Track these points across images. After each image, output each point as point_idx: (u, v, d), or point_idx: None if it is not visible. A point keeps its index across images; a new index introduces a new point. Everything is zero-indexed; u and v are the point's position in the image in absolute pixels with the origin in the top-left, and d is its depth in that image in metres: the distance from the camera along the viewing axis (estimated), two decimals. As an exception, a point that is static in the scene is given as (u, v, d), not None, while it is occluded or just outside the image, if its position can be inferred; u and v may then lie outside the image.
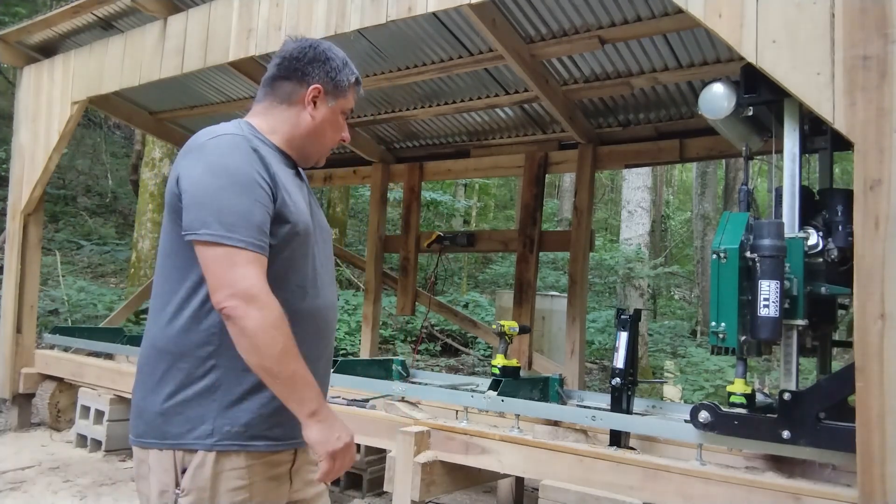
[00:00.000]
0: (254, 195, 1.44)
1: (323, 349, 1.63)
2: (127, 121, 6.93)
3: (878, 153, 2.19)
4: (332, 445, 1.44)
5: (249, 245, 1.41)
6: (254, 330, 1.37)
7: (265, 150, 1.54)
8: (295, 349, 1.41)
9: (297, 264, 1.53)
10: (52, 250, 9.60)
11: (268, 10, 3.79)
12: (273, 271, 1.47)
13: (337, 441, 1.44)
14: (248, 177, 1.44)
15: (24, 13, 10.33)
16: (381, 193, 6.50)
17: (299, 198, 1.58)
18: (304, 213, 1.56)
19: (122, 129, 14.79)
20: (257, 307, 1.38)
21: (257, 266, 1.41)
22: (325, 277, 1.63)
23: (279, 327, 1.39)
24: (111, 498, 3.95)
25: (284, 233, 1.49)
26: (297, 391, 1.42)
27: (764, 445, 2.57)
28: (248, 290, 1.38)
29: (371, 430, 3.49)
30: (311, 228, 1.57)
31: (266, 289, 1.41)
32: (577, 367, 5.08)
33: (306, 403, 1.42)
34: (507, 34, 4.18)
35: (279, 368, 1.39)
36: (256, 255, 1.42)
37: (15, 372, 5.46)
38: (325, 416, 1.45)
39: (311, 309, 1.56)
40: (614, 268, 10.65)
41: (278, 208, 1.48)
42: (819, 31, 2.32)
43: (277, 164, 1.55)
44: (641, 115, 5.07)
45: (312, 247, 1.58)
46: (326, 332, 1.63)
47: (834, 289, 2.57)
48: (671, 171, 20.74)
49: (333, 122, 1.67)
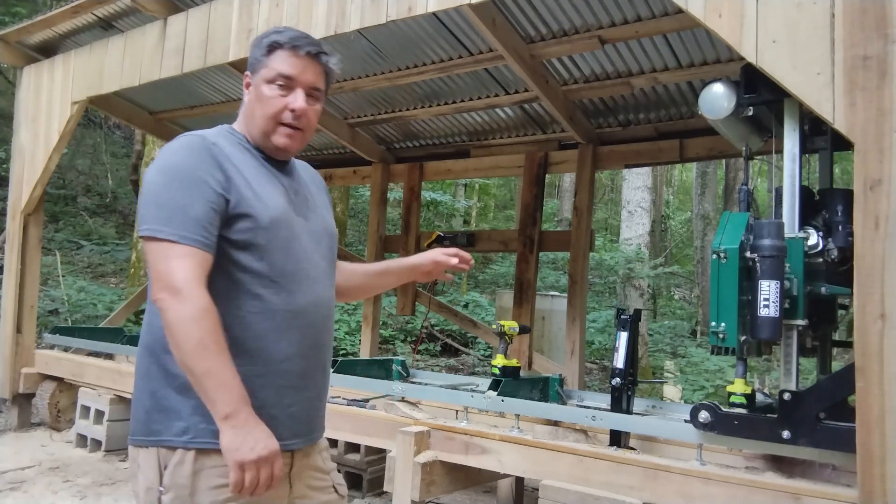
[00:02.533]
0: (195, 190, 1.43)
1: (306, 347, 1.55)
2: (127, 121, 6.93)
3: (878, 153, 2.19)
4: (241, 455, 1.35)
5: (183, 238, 1.40)
6: (173, 322, 1.37)
7: (231, 147, 1.54)
8: (216, 347, 1.36)
9: (267, 259, 1.50)
10: (52, 250, 9.60)
11: (268, 10, 3.79)
12: (242, 267, 1.47)
13: (249, 451, 1.35)
14: (190, 173, 1.44)
15: (24, 13, 10.33)
16: (381, 193, 6.50)
17: (270, 191, 1.54)
18: (272, 207, 1.51)
19: (122, 129, 14.77)
20: (179, 300, 1.37)
21: (189, 259, 1.40)
22: (311, 273, 1.58)
23: (198, 322, 1.36)
24: (111, 498, 3.95)
25: (245, 227, 1.47)
26: (211, 390, 1.36)
27: (764, 445, 2.57)
28: (174, 283, 1.38)
29: (371, 430, 3.49)
30: (282, 223, 1.52)
31: (193, 282, 1.38)
32: (577, 367, 5.08)
33: (219, 405, 1.36)
34: (507, 34, 4.18)
35: (192, 364, 1.36)
36: (191, 248, 1.40)
37: (15, 372, 5.45)
38: (242, 423, 1.36)
39: (286, 305, 1.51)
40: (614, 268, 10.65)
41: (234, 203, 1.47)
42: (819, 31, 2.32)
43: (243, 159, 1.54)
44: (641, 115, 5.07)
45: (289, 241, 1.53)
46: (310, 329, 1.56)
47: (834, 289, 2.57)
48: (671, 171, 20.73)
49: (259, 97, 1.57)
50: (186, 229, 1.40)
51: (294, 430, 1.55)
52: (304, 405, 1.57)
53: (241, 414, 1.37)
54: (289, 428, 1.53)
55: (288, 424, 1.53)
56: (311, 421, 1.61)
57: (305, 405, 1.58)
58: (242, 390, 1.39)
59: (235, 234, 1.47)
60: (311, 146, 6.89)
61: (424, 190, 8.87)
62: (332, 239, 1.72)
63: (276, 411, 1.51)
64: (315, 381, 1.60)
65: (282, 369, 1.52)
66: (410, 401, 3.76)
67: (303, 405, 1.57)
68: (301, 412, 1.56)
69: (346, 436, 3.66)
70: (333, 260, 1.72)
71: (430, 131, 6.12)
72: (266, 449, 1.38)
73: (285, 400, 1.52)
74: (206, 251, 1.42)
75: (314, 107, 1.61)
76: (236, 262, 1.48)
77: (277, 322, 1.50)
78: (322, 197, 1.77)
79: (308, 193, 1.69)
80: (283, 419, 1.51)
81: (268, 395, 1.50)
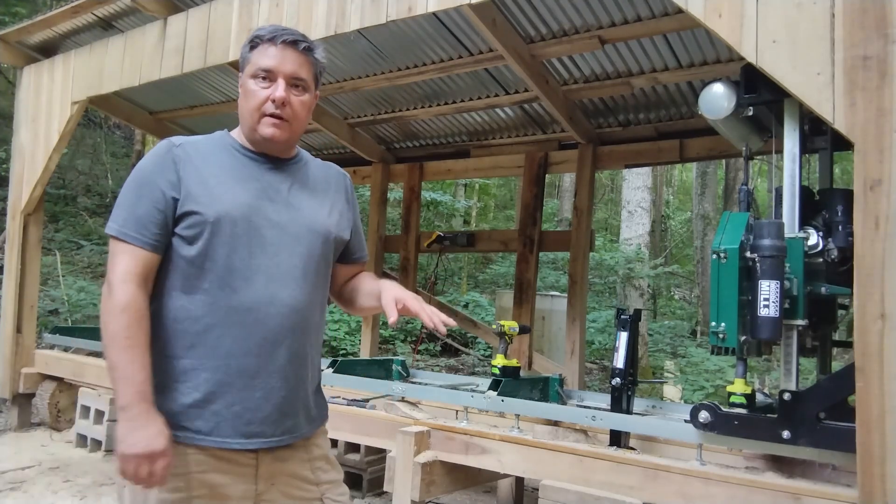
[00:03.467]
0: (144, 190, 1.52)
1: (254, 345, 1.52)
2: (127, 121, 6.94)
3: (878, 153, 2.19)
4: (124, 447, 1.41)
5: (124, 236, 1.50)
6: (101, 314, 1.48)
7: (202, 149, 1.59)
8: (127, 342, 1.44)
9: (210, 254, 1.51)
10: (52, 250, 9.60)
11: (268, 11, 3.79)
12: (189, 262, 1.53)
13: (131, 446, 1.40)
14: (145, 175, 1.55)
15: (24, 13, 10.32)
16: (381, 193, 6.50)
17: (231, 188, 1.54)
18: (226, 202, 1.52)
19: (122, 129, 14.77)
20: (108, 293, 1.48)
21: (127, 255, 1.50)
22: (269, 271, 1.54)
23: (116, 316, 1.45)
24: (111, 498, 3.95)
25: (191, 222, 1.52)
26: (114, 381, 1.45)
27: (764, 445, 2.57)
28: (110, 277, 1.49)
29: (371, 430, 3.49)
30: (234, 219, 1.52)
31: (123, 277, 1.48)
32: (577, 367, 5.08)
33: (118, 396, 1.44)
34: (507, 34, 4.18)
35: (106, 354, 1.47)
36: (130, 245, 1.50)
37: (15, 372, 5.46)
38: (133, 417, 1.42)
39: (230, 301, 1.51)
40: (614, 268, 10.66)
41: (181, 200, 1.52)
42: (819, 31, 2.32)
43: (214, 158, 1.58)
44: (641, 115, 5.07)
45: (241, 238, 1.52)
46: (259, 327, 1.52)
47: (834, 289, 2.57)
48: (671, 171, 20.73)
49: (245, 92, 1.60)
50: (128, 227, 1.51)
51: (240, 431, 1.52)
52: (252, 405, 1.53)
53: (135, 409, 1.42)
54: (232, 427, 1.52)
55: (232, 423, 1.51)
56: (267, 423, 1.55)
57: (254, 405, 1.53)
58: (144, 387, 1.44)
59: (184, 230, 1.53)
60: (312, 146, 6.89)
61: (424, 190, 8.87)
62: (321, 238, 1.64)
63: (218, 407, 1.51)
64: (269, 382, 1.54)
65: (224, 365, 1.51)
66: (410, 401, 3.76)
67: (251, 405, 1.53)
68: (248, 412, 1.53)
69: (346, 436, 3.66)
70: (315, 260, 1.63)
71: (430, 131, 6.12)
72: (147, 447, 1.41)
73: (228, 398, 1.51)
74: (145, 248, 1.51)
75: (300, 97, 1.60)
76: (184, 256, 1.53)
77: (220, 317, 1.51)
78: (334, 196, 1.73)
79: (306, 190, 1.65)
80: (226, 416, 1.51)
81: (210, 391, 1.51)
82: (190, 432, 1.50)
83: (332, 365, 4.14)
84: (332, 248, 1.70)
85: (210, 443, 1.51)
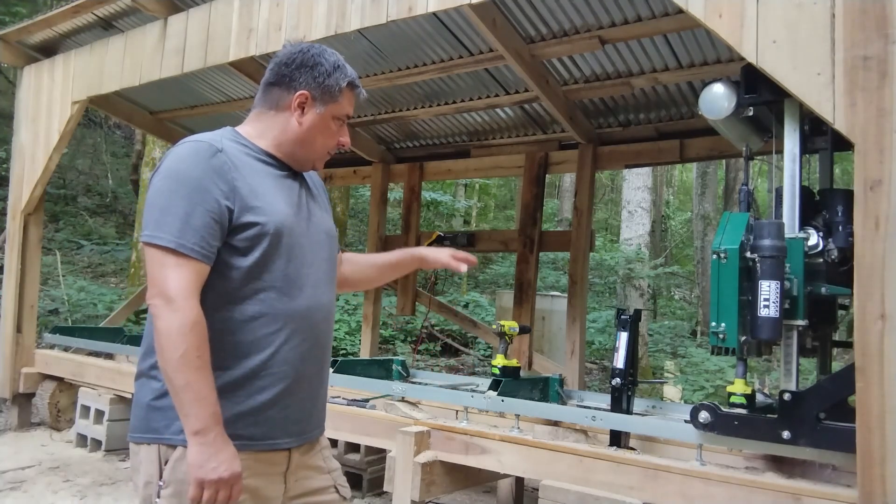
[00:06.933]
0: (197, 198, 1.44)
1: (306, 350, 1.58)
2: (127, 120, 6.93)
3: (878, 153, 2.19)
4: (203, 473, 1.38)
5: (180, 247, 1.42)
6: (162, 331, 1.40)
7: (238, 154, 1.55)
8: (198, 361, 1.39)
9: (271, 265, 1.52)
10: (52, 250, 9.60)
11: (268, 10, 3.79)
12: (245, 272, 1.49)
13: (212, 471, 1.38)
14: (194, 181, 1.45)
15: (24, 13, 10.33)
16: (382, 193, 6.50)
17: (278, 199, 1.56)
18: (279, 213, 1.54)
19: (123, 129, 14.77)
20: (171, 309, 1.40)
21: (185, 269, 1.42)
22: (313, 278, 1.61)
23: (185, 334, 1.38)
24: (111, 498, 3.95)
25: (252, 234, 1.49)
26: (186, 404, 1.39)
27: (764, 446, 2.57)
28: (168, 292, 1.40)
29: (371, 430, 3.49)
30: (286, 229, 1.54)
31: (187, 293, 1.41)
32: (577, 367, 5.08)
33: (191, 420, 1.39)
34: (507, 34, 4.18)
35: (173, 375, 1.39)
36: (187, 258, 1.42)
37: (15, 372, 5.45)
38: (211, 441, 1.39)
39: (287, 309, 1.53)
40: (614, 268, 10.66)
41: (239, 211, 1.48)
42: (819, 31, 2.32)
43: (252, 167, 1.56)
44: (641, 115, 5.07)
45: (293, 248, 1.55)
46: (310, 332, 1.58)
47: (834, 289, 2.57)
48: (671, 172, 20.72)
49: (324, 129, 1.63)
50: (185, 238, 1.42)
51: (288, 431, 1.57)
52: (299, 406, 1.58)
53: (212, 432, 1.39)
54: (283, 429, 1.55)
55: (283, 426, 1.55)
56: (305, 420, 1.62)
57: (301, 406, 1.59)
58: (217, 408, 1.41)
59: (239, 242, 1.49)
60: (312, 146, 6.88)
61: (424, 190, 8.86)
62: (333, 241, 1.74)
63: (273, 413, 1.53)
64: (312, 382, 1.62)
65: (281, 373, 1.53)
66: (410, 401, 3.76)
67: (298, 406, 1.58)
68: (296, 413, 1.58)
69: (346, 436, 3.66)
70: (334, 262, 1.74)
71: (430, 131, 6.12)
72: (228, 472, 1.40)
73: (283, 402, 1.54)
74: (203, 261, 1.45)
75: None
76: (239, 267, 1.49)
77: (279, 326, 1.52)
78: (322, 197, 1.80)
79: (311, 197, 1.72)
80: (278, 420, 1.54)
81: (267, 399, 1.52)
82: (243, 440, 1.49)
83: (332, 365, 4.14)
84: (336, 249, 1.78)
85: (262, 447, 1.52)
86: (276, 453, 1.56)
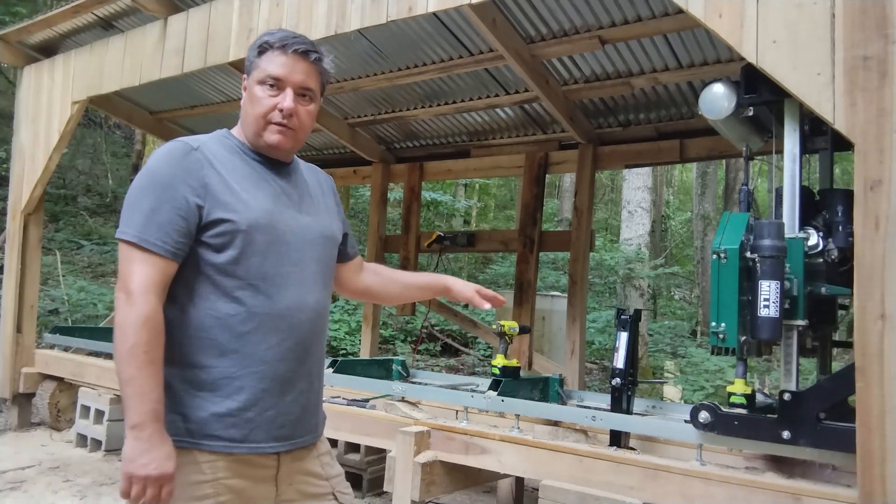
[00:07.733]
0: (164, 196, 1.46)
1: (287, 351, 1.55)
2: (127, 120, 6.93)
3: (878, 153, 2.19)
4: (133, 468, 1.37)
5: (144, 242, 1.44)
6: (118, 324, 1.42)
7: (220, 152, 1.55)
8: (145, 357, 1.39)
9: (245, 262, 1.50)
10: (52, 250, 9.60)
11: (268, 10, 3.79)
12: (219, 269, 1.49)
13: (142, 467, 1.37)
14: (164, 178, 1.48)
15: (24, 13, 10.32)
16: (382, 193, 6.50)
17: (255, 194, 1.54)
18: (255, 210, 1.51)
19: (123, 129, 14.77)
20: (128, 303, 1.42)
21: (147, 265, 1.44)
22: (297, 277, 1.57)
23: (138, 329, 1.40)
24: (111, 498, 3.95)
25: (223, 230, 1.49)
26: (127, 397, 1.39)
27: (764, 446, 2.57)
28: (129, 286, 1.43)
29: (371, 430, 3.49)
30: (263, 226, 1.52)
31: (144, 288, 1.42)
32: (577, 367, 5.08)
33: (131, 413, 1.39)
34: (507, 34, 4.18)
35: (120, 367, 1.41)
36: (150, 253, 1.44)
37: (15, 371, 5.46)
38: (146, 437, 1.38)
39: (265, 308, 1.51)
40: (614, 268, 10.65)
41: (210, 208, 1.48)
42: (819, 31, 2.32)
43: (231, 163, 1.55)
44: (642, 115, 5.07)
45: (272, 245, 1.53)
46: (291, 333, 1.55)
47: (834, 289, 2.57)
48: (671, 172, 20.73)
49: (251, 97, 1.58)
50: (148, 233, 1.44)
51: (272, 435, 1.54)
52: (284, 409, 1.55)
53: (148, 429, 1.39)
54: (266, 432, 1.53)
55: (265, 428, 1.53)
56: (295, 425, 1.59)
57: (285, 409, 1.56)
58: (159, 406, 1.41)
59: (212, 238, 1.49)
60: (312, 146, 6.89)
61: (424, 190, 8.86)
62: (331, 242, 1.71)
63: (253, 414, 1.51)
64: (298, 385, 1.58)
65: (260, 373, 1.51)
66: (410, 401, 3.76)
67: (283, 409, 1.55)
68: (281, 416, 1.55)
69: (346, 436, 3.66)
70: (329, 263, 1.70)
71: (430, 131, 6.12)
72: (157, 470, 1.38)
73: (263, 403, 1.52)
74: (166, 256, 1.45)
75: (307, 107, 1.61)
76: (214, 264, 1.49)
77: (256, 325, 1.51)
78: (327, 199, 1.76)
79: (308, 196, 1.68)
80: (259, 423, 1.52)
81: (244, 400, 1.50)
82: (223, 441, 1.48)
83: (332, 365, 4.14)
84: (336, 251, 1.75)
85: (243, 450, 1.50)
86: (265, 457, 1.54)
